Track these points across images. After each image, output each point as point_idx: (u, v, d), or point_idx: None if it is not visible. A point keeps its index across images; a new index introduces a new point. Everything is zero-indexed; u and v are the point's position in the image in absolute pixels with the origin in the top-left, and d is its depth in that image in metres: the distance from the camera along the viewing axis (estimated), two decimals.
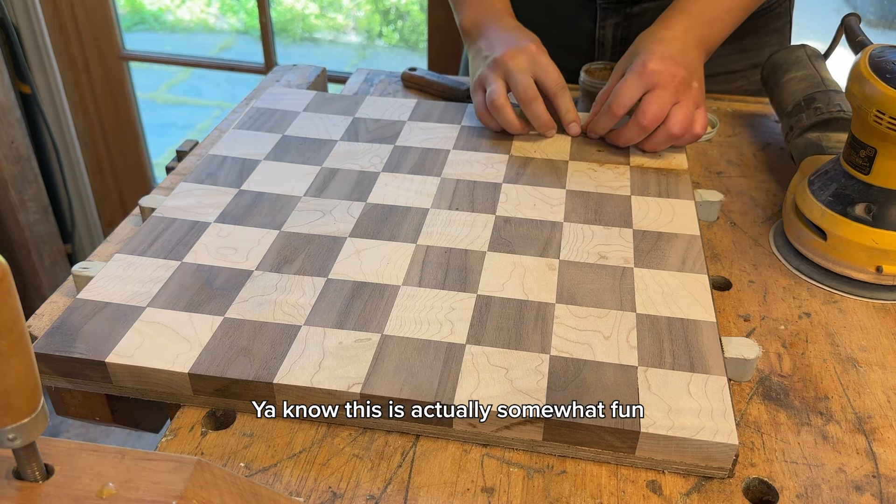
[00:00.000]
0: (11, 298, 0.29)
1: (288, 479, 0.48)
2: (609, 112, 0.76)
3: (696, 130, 0.76)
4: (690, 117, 0.75)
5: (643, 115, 0.74)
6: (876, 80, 0.60)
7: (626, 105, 0.75)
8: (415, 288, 0.59)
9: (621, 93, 0.75)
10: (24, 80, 1.76)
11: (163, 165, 1.69)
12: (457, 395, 0.50)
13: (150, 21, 3.62)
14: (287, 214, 0.68)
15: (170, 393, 0.53)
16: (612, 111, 0.76)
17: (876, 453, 0.51)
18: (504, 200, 0.71)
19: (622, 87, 0.75)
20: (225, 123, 0.89)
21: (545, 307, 0.58)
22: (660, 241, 0.66)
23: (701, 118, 0.76)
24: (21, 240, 1.83)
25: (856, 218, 0.64)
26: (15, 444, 0.31)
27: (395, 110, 0.87)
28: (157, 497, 0.32)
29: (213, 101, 3.31)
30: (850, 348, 0.59)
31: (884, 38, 2.17)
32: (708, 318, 0.57)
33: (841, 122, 0.75)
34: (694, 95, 0.76)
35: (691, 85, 0.76)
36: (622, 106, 0.75)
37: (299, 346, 0.54)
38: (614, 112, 0.76)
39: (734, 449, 0.47)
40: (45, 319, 0.60)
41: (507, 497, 0.47)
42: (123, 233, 0.70)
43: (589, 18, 0.96)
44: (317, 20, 3.56)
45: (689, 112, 0.75)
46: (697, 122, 0.76)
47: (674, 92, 0.74)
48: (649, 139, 0.77)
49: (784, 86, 0.83)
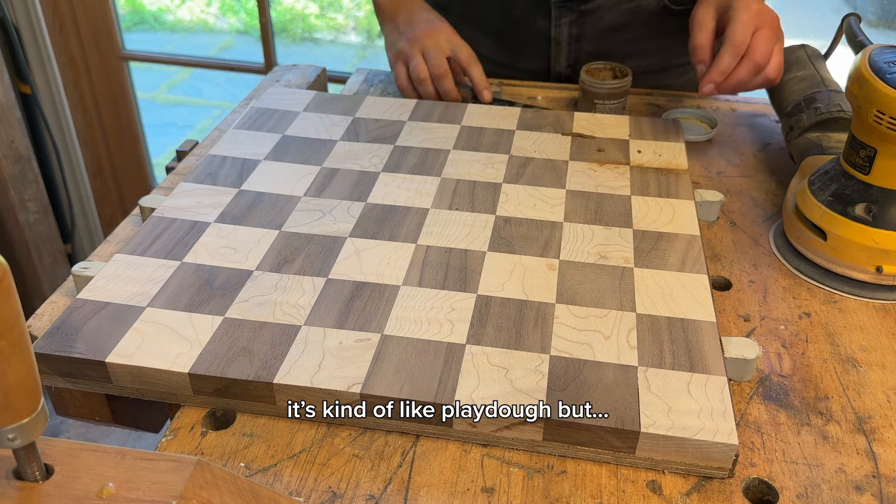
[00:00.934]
0: (11, 298, 0.29)
1: (288, 479, 0.48)
2: (754, 63, 0.80)
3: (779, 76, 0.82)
4: (780, 63, 0.82)
5: (759, 55, 0.79)
6: (876, 80, 0.60)
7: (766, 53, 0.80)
8: (415, 288, 0.59)
9: (760, 44, 0.80)
10: (24, 80, 1.76)
11: (163, 165, 1.69)
12: (457, 395, 0.50)
13: (150, 21, 3.62)
14: (287, 214, 0.68)
15: (170, 393, 0.53)
16: (757, 62, 0.80)
17: (876, 453, 0.51)
18: (504, 200, 0.71)
19: (759, 40, 0.80)
20: (225, 123, 0.89)
21: (545, 307, 0.58)
22: (660, 241, 0.66)
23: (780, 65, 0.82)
24: (21, 240, 1.83)
25: (856, 218, 0.64)
26: (15, 444, 0.31)
27: (395, 110, 0.87)
28: (157, 497, 0.32)
29: (213, 101, 3.31)
30: (850, 348, 0.59)
31: (884, 38, 2.17)
32: (708, 318, 0.57)
33: (841, 122, 0.75)
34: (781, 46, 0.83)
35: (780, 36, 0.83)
36: (763, 55, 0.80)
37: (299, 346, 0.54)
38: (759, 63, 0.80)
39: (734, 449, 0.47)
40: (45, 319, 0.60)
41: (507, 497, 0.47)
42: (123, 233, 0.70)
43: (544, 18, 0.98)
44: (317, 20, 3.56)
45: (780, 59, 0.82)
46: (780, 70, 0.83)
47: (777, 37, 0.82)
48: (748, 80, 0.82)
49: (784, 86, 0.83)
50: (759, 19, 0.80)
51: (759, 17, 0.80)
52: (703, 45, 0.83)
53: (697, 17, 0.84)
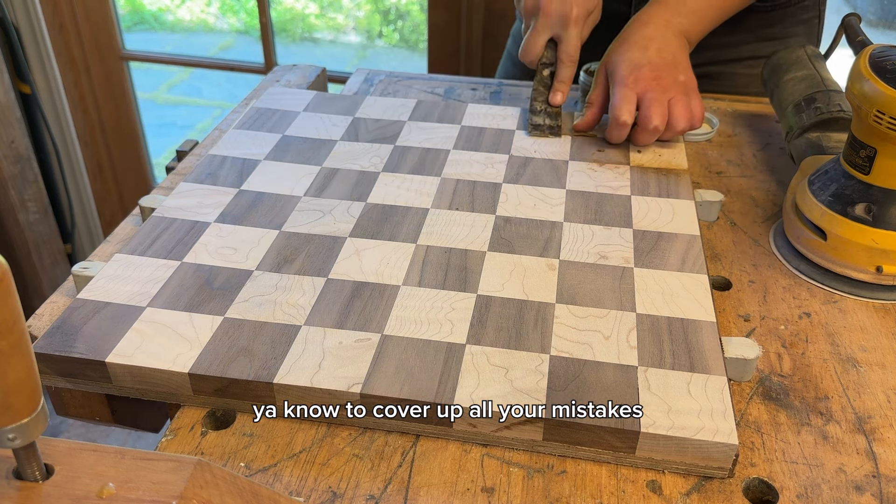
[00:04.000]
0: (11, 298, 0.29)
1: (288, 479, 0.48)
2: (618, 123, 0.79)
3: (697, 117, 0.80)
4: (688, 108, 0.79)
5: (649, 121, 0.77)
6: (876, 80, 0.60)
7: (632, 112, 0.78)
8: (415, 288, 0.59)
9: (621, 105, 0.78)
10: (24, 80, 1.76)
11: (163, 165, 1.69)
12: (457, 395, 0.50)
13: (150, 21, 3.62)
14: (287, 214, 0.68)
15: (170, 393, 0.53)
16: (620, 122, 0.78)
17: (876, 453, 0.51)
18: (504, 200, 0.71)
19: (619, 100, 0.78)
20: (225, 123, 0.89)
21: (545, 307, 0.58)
22: (660, 241, 0.66)
23: (697, 106, 0.80)
24: (21, 240, 1.83)
25: (856, 218, 0.64)
26: (15, 444, 0.31)
27: (395, 110, 0.87)
28: (157, 497, 0.32)
29: (213, 101, 3.31)
30: (850, 348, 0.59)
31: (884, 38, 2.17)
32: (708, 318, 0.57)
33: (841, 122, 0.75)
34: (684, 87, 0.80)
35: (677, 79, 0.80)
36: (629, 113, 0.78)
37: (299, 346, 0.54)
38: (624, 121, 0.78)
39: (734, 449, 0.47)
40: (45, 319, 0.60)
41: (507, 497, 0.47)
42: (123, 233, 0.70)
43: (624, 3, 0.99)
44: (317, 20, 3.56)
45: (685, 105, 0.79)
46: (696, 111, 0.80)
47: (664, 91, 0.78)
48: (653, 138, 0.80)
49: (784, 86, 0.83)
50: (639, 86, 0.78)
51: (638, 85, 0.78)
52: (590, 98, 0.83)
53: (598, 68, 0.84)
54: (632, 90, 0.78)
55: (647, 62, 0.79)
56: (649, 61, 0.79)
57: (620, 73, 0.79)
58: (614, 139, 0.80)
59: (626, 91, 0.78)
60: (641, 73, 0.79)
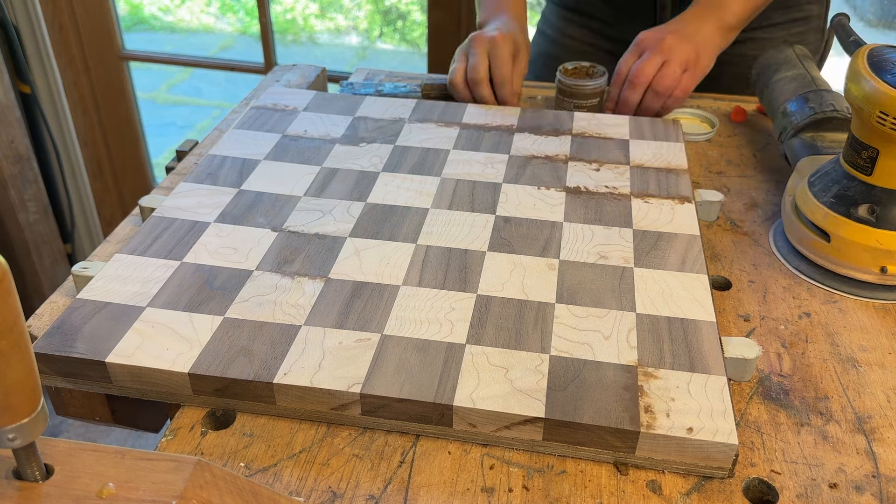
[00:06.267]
0: (11, 298, 0.29)
1: (288, 479, 0.48)
2: (632, 85, 0.87)
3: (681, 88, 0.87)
4: (677, 75, 0.87)
5: (640, 72, 0.86)
6: (878, 81, 0.60)
7: (649, 76, 0.86)
8: (415, 288, 0.59)
9: (643, 68, 0.86)
10: (24, 80, 1.76)
11: (163, 165, 1.69)
12: (457, 395, 0.50)
13: (150, 21, 3.62)
14: (287, 214, 0.68)
15: (170, 393, 0.53)
16: (634, 84, 0.86)
17: (876, 453, 0.51)
18: (504, 200, 0.71)
19: (644, 64, 0.86)
20: (225, 123, 0.89)
21: (545, 307, 0.58)
22: (660, 240, 0.66)
23: (687, 79, 0.87)
24: (21, 240, 1.83)
25: (859, 219, 0.64)
26: (15, 444, 0.31)
27: (395, 110, 0.87)
28: (157, 497, 0.32)
29: (213, 101, 3.31)
30: (850, 348, 0.59)
31: (884, 38, 2.17)
32: (708, 318, 0.57)
33: (835, 121, 0.75)
34: (686, 61, 0.87)
35: (685, 50, 0.87)
36: (646, 76, 0.86)
37: (299, 346, 0.54)
38: (638, 83, 0.86)
39: (734, 449, 0.47)
40: (45, 319, 0.60)
41: (506, 497, 0.47)
42: (123, 233, 0.70)
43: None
44: (317, 20, 3.56)
45: (675, 71, 0.86)
46: (684, 83, 0.87)
47: (663, 53, 0.86)
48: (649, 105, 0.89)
49: (774, 86, 0.83)
50: (664, 53, 0.86)
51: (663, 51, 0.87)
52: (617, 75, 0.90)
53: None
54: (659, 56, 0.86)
55: (682, 34, 0.87)
56: (686, 34, 0.87)
57: (654, 35, 0.88)
58: (630, 102, 0.88)
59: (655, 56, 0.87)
60: (674, 41, 0.87)
